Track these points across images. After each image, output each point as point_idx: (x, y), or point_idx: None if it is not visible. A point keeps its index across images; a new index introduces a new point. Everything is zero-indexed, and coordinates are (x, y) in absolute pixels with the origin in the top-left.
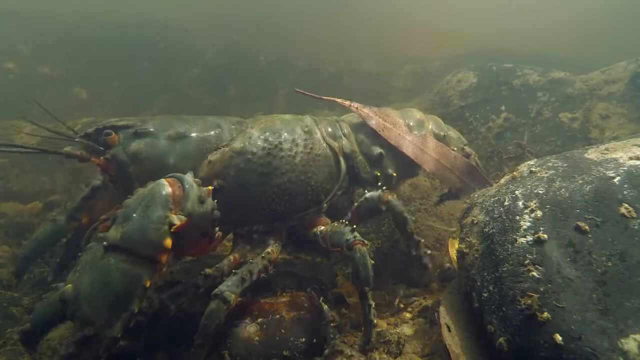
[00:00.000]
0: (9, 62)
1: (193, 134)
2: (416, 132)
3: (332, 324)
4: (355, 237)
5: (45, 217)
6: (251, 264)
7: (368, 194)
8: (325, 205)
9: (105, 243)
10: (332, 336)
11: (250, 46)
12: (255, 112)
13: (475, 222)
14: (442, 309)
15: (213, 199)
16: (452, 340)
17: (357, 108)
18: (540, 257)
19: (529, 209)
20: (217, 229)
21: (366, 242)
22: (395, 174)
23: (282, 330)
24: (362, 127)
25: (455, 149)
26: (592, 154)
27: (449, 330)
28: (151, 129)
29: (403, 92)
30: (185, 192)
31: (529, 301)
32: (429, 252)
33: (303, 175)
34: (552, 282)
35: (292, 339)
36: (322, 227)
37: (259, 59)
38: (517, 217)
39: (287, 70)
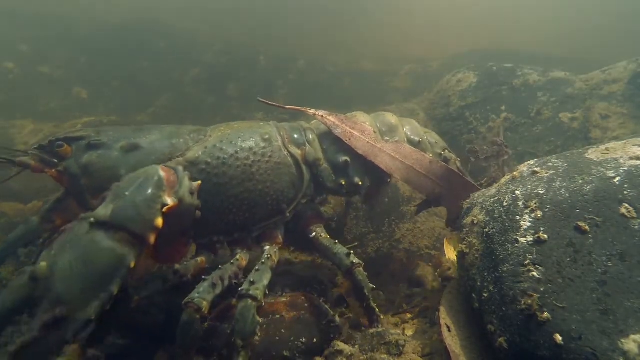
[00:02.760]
0: (9, 62)
1: (146, 145)
2: (388, 139)
3: (332, 324)
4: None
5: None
6: (220, 270)
7: (321, 233)
8: (288, 214)
9: (92, 219)
10: (332, 336)
11: (250, 46)
12: (255, 111)
13: (475, 222)
14: (441, 310)
15: None
16: (453, 340)
17: (322, 116)
18: (540, 257)
19: (529, 209)
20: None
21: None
22: (361, 183)
23: (282, 330)
24: (329, 134)
25: (431, 154)
26: (593, 154)
27: (449, 331)
28: (104, 141)
29: (403, 92)
30: (179, 179)
31: (529, 301)
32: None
33: (261, 185)
34: (552, 282)
35: (292, 339)
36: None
37: (259, 59)
38: (518, 217)
39: (287, 70)
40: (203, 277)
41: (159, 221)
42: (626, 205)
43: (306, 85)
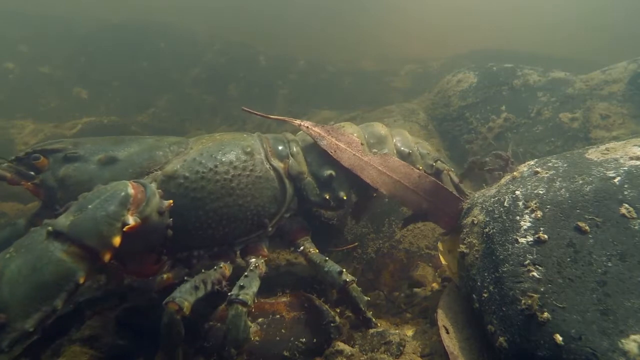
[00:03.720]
0: (9, 62)
1: (124, 158)
2: (376, 151)
3: (332, 324)
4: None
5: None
6: (204, 274)
7: (309, 247)
8: (270, 229)
9: (50, 228)
10: (332, 336)
11: (250, 46)
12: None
13: (475, 222)
14: (439, 312)
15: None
16: (451, 342)
17: (307, 127)
18: (540, 257)
19: (529, 209)
20: (164, 252)
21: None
22: (345, 197)
23: (282, 330)
24: (314, 146)
25: (421, 167)
26: (593, 154)
27: (447, 332)
28: (81, 153)
29: (403, 92)
30: (147, 197)
31: (529, 301)
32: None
33: (241, 199)
34: (552, 283)
35: (292, 339)
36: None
37: (259, 59)
38: (518, 218)
39: (287, 70)
40: (185, 278)
41: (117, 240)
42: (626, 205)
43: (306, 85)
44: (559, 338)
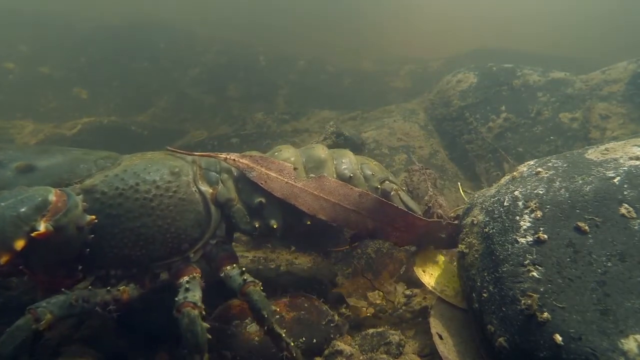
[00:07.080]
0: (9, 62)
1: (43, 168)
2: (313, 175)
3: (332, 324)
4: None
5: None
6: (90, 292)
7: (231, 273)
8: (192, 255)
9: None
10: (332, 336)
11: (250, 46)
12: (255, 112)
13: (475, 222)
14: (432, 320)
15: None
16: (445, 347)
17: (234, 160)
18: (540, 258)
19: (529, 209)
20: (80, 268)
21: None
22: (276, 226)
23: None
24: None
25: (362, 188)
26: (592, 154)
27: (441, 338)
28: (0, 158)
29: (403, 92)
30: (68, 207)
31: (529, 301)
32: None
33: (161, 220)
34: (552, 283)
35: (292, 339)
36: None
37: (259, 59)
38: (517, 217)
39: (287, 70)
40: (62, 289)
41: (19, 243)
42: (626, 205)
43: (306, 85)
44: (558, 338)
